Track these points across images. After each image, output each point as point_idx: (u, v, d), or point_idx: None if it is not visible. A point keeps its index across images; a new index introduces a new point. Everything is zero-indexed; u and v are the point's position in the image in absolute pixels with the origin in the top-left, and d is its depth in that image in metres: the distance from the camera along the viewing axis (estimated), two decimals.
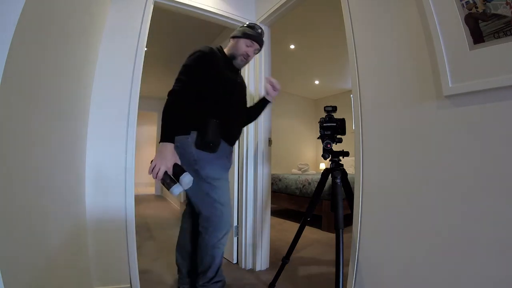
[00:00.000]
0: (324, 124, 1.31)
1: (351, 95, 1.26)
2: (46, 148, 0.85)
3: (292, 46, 3.36)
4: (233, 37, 1.35)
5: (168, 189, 1.06)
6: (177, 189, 1.04)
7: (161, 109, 1.09)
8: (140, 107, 1.56)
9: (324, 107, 1.36)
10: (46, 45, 0.79)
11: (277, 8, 1.78)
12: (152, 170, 1.06)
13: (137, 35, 1.52)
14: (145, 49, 1.56)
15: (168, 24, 2.60)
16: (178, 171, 1.07)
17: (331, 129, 1.30)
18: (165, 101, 1.13)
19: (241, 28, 1.35)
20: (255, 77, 1.94)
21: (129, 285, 1.38)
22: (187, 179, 1.05)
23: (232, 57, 1.32)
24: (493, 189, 0.75)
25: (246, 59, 1.34)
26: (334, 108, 1.34)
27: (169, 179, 1.06)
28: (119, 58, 1.46)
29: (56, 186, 0.95)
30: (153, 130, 6.55)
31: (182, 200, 3.78)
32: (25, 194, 0.72)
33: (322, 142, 1.30)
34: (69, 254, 1.06)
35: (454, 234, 0.83)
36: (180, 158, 1.13)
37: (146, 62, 1.57)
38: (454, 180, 0.84)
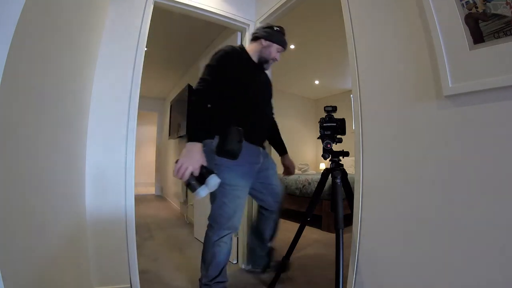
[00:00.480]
0: (324, 124, 1.31)
1: (351, 95, 1.26)
2: (46, 148, 0.85)
3: (292, 46, 3.36)
4: (264, 39, 1.33)
5: (193, 191, 1.00)
6: (203, 192, 0.99)
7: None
8: (140, 107, 1.56)
9: (324, 107, 1.35)
10: (45, 45, 0.79)
11: (277, 8, 1.78)
12: (178, 171, 1.00)
13: (137, 35, 1.52)
14: (145, 49, 1.56)
15: (168, 24, 2.60)
16: (204, 172, 1.01)
17: (331, 129, 1.30)
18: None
19: (272, 32, 1.34)
20: None
21: (129, 285, 1.38)
22: (214, 180, 0.99)
23: (263, 61, 1.35)
24: (493, 189, 0.75)
25: (274, 61, 1.39)
26: (334, 108, 1.34)
27: (195, 180, 1.00)
28: (119, 58, 1.46)
29: (56, 186, 0.95)
30: (153, 130, 6.53)
31: (182, 200, 3.78)
32: (25, 194, 0.72)
33: (322, 142, 1.30)
34: (69, 254, 1.06)
35: (455, 234, 0.83)
36: None
37: (146, 62, 1.57)
38: (454, 180, 0.83)
